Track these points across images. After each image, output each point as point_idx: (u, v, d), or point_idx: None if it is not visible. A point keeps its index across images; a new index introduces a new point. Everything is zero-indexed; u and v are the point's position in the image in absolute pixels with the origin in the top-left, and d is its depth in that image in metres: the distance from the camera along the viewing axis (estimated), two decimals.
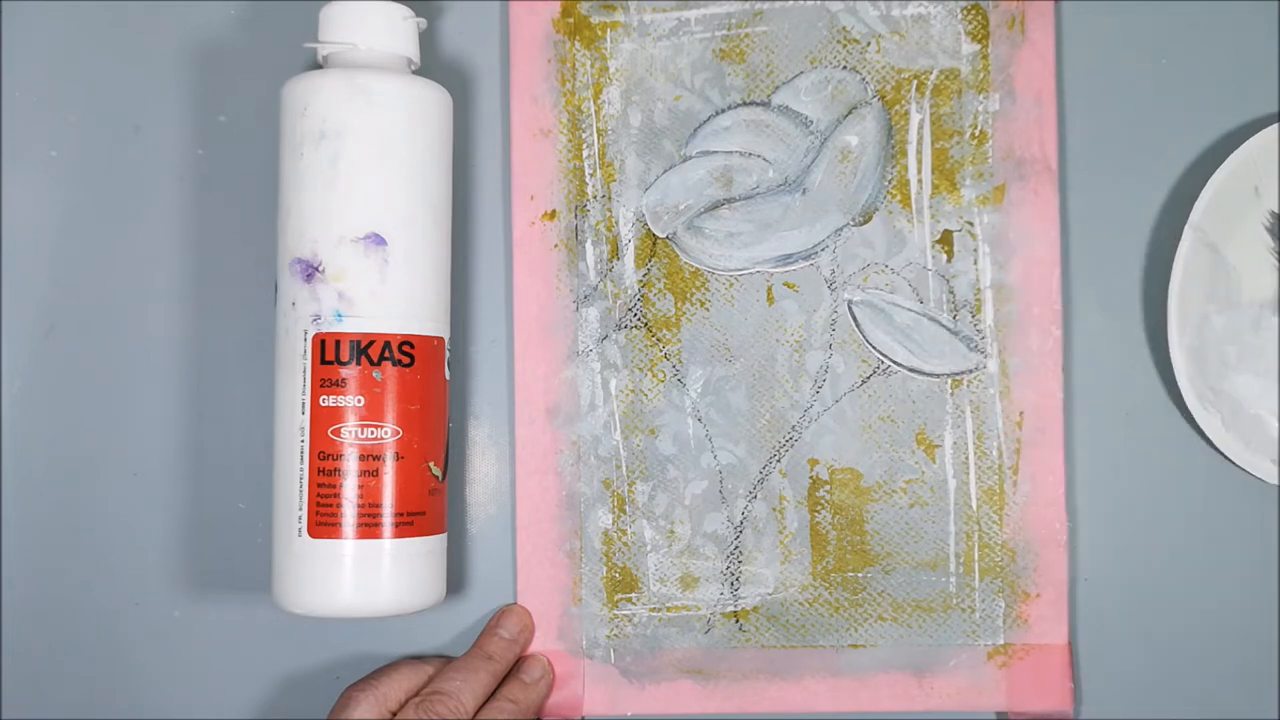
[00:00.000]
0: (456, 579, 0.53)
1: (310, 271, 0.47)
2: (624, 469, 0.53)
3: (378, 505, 0.47)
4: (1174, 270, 0.51)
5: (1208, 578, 0.53)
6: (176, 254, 0.54)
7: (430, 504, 0.48)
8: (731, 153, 0.53)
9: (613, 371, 0.53)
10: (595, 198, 0.53)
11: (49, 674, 0.53)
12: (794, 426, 0.53)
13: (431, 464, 0.49)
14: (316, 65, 0.50)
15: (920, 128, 0.53)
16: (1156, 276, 0.53)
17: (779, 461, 0.53)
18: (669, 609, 0.53)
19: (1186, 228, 0.51)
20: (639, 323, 0.53)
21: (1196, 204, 0.51)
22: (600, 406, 0.53)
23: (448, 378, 0.50)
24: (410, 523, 0.48)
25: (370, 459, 0.47)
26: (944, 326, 0.53)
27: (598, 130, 0.53)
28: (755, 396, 0.53)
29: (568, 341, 0.53)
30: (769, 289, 0.53)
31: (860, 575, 0.53)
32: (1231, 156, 0.52)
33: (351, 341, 0.47)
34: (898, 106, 0.53)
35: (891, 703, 0.52)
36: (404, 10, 0.49)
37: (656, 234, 0.53)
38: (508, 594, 0.53)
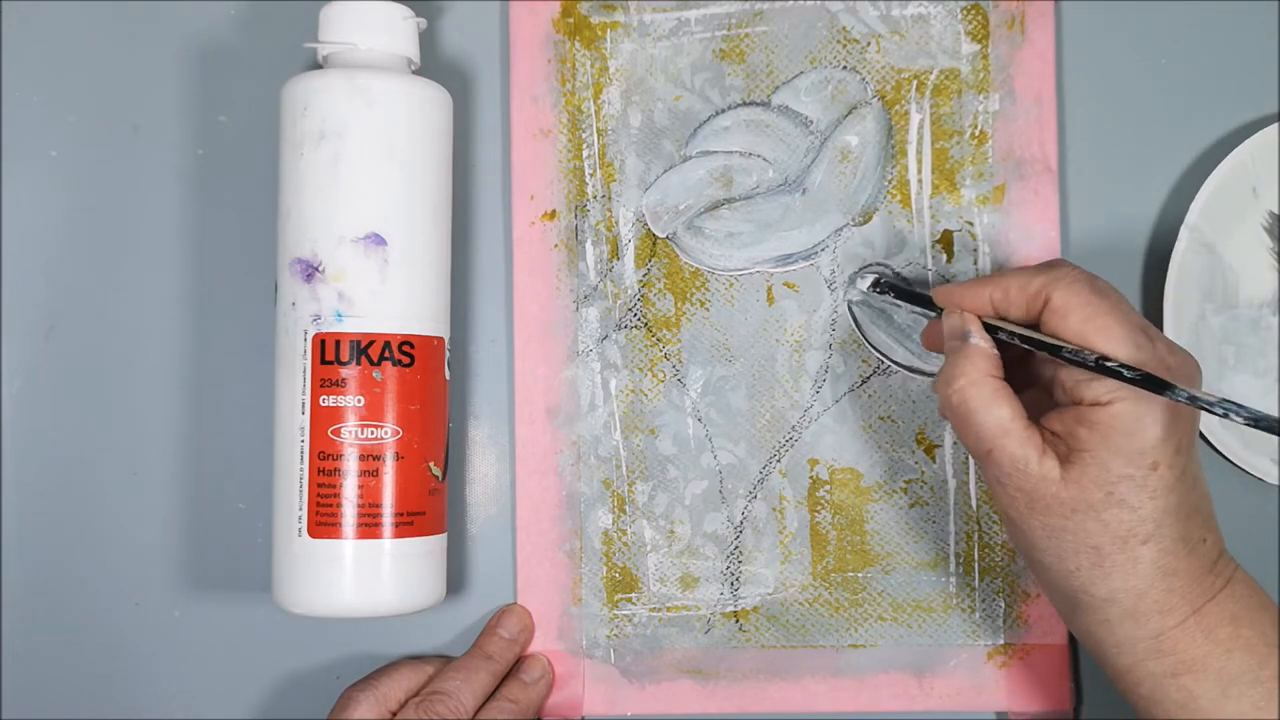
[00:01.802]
0: (456, 579, 0.53)
1: (310, 271, 0.47)
2: (624, 469, 0.53)
3: (378, 505, 0.47)
4: (1169, 270, 0.51)
5: None
6: (176, 254, 0.54)
7: (430, 504, 0.48)
8: (731, 153, 0.53)
9: (613, 371, 0.53)
10: (595, 198, 0.53)
11: (49, 674, 0.53)
12: (794, 426, 0.53)
13: (431, 464, 0.49)
14: (316, 65, 0.50)
15: (920, 128, 0.53)
16: (1156, 277, 0.53)
17: (779, 461, 0.53)
18: (669, 609, 0.53)
19: (1183, 228, 0.51)
20: (639, 323, 0.53)
21: (1193, 204, 0.51)
22: (600, 406, 0.53)
23: (448, 378, 0.50)
24: (410, 523, 0.48)
25: (370, 459, 0.47)
26: None
27: (598, 130, 0.53)
28: (755, 396, 0.53)
29: (568, 341, 0.53)
30: (769, 289, 0.53)
31: (860, 575, 0.53)
32: (1229, 157, 0.52)
33: (351, 341, 0.47)
34: (898, 106, 0.53)
35: (891, 703, 0.52)
36: (404, 10, 0.49)
37: (656, 234, 0.53)
38: (508, 594, 0.53)
